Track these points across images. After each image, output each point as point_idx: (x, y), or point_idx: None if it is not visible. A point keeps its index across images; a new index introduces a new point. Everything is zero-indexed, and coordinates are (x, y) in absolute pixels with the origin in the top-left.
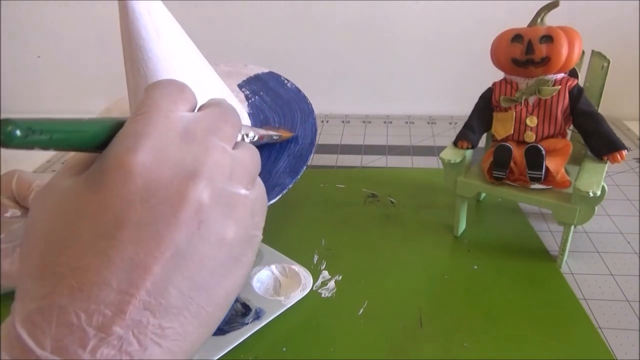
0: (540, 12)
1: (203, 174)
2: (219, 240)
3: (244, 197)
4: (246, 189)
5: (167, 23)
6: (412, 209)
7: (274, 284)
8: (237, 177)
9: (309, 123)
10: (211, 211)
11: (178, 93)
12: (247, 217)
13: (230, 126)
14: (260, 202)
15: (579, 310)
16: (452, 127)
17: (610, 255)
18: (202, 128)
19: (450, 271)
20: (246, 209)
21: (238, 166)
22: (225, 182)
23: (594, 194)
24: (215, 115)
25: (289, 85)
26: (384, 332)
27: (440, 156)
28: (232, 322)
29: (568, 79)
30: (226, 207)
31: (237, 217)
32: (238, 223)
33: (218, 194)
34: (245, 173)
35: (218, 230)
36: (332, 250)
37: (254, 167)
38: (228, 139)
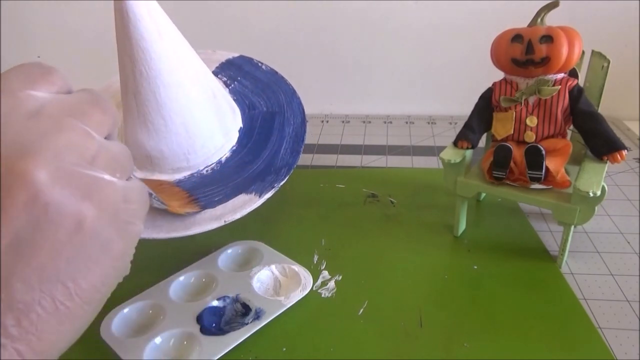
0: (540, 12)
1: (43, 152)
2: (75, 223)
3: (109, 182)
4: (113, 177)
5: (166, 23)
6: (412, 209)
7: (274, 284)
8: (101, 163)
9: (294, 103)
10: (58, 192)
11: (40, 74)
12: (115, 200)
13: (100, 113)
14: (136, 192)
15: (579, 310)
16: (452, 127)
17: (610, 255)
18: (62, 108)
19: (450, 271)
20: (112, 193)
21: (104, 153)
22: (80, 164)
23: (594, 194)
24: (82, 99)
25: (264, 67)
26: (384, 332)
27: (440, 156)
28: (232, 322)
29: (568, 79)
30: (82, 189)
31: (99, 200)
32: (100, 206)
33: (68, 175)
34: (113, 162)
35: (72, 212)
36: (332, 250)
37: (125, 160)
38: (95, 124)
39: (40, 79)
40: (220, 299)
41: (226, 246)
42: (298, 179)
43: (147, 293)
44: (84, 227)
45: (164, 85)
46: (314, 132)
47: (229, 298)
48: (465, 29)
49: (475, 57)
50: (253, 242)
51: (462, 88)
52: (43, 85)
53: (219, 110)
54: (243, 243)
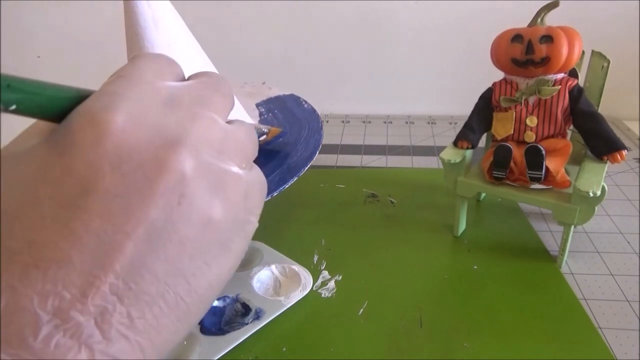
0: (540, 12)
1: (187, 143)
2: (203, 220)
3: (235, 175)
4: (239, 168)
5: (166, 14)
6: (412, 209)
7: (274, 284)
8: (228, 153)
9: (313, 138)
10: (195, 185)
11: (166, 65)
12: (238, 198)
13: (221, 97)
14: (256, 186)
15: (579, 310)
16: (452, 127)
17: (610, 255)
18: (191, 96)
19: (450, 271)
20: (238, 189)
21: (231, 141)
22: (213, 155)
23: (594, 194)
24: (206, 85)
25: (306, 106)
26: (384, 332)
27: (440, 156)
28: (232, 322)
29: (568, 79)
30: (213, 184)
31: (227, 197)
32: (227, 203)
33: (204, 167)
34: (239, 150)
35: (202, 208)
36: (332, 250)
37: (250, 146)
38: (219, 110)
39: (167, 70)
40: (220, 299)
41: None
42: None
43: None
44: (210, 224)
45: None
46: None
47: (229, 298)
48: (465, 29)
49: (475, 57)
50: (253, 242)
51: (462, 88)
52: (170, 76)
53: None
54: None
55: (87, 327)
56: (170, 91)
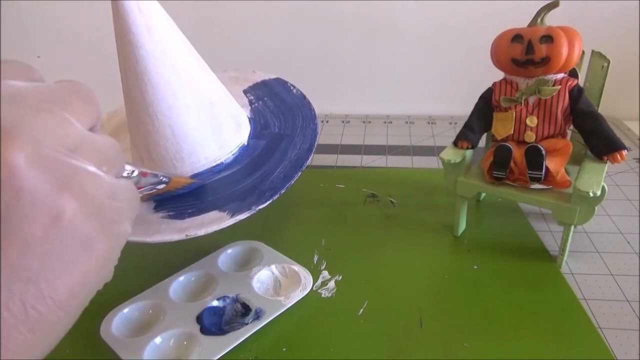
0: (540, 12)
1: (21, 135)
2: (52, 216)
3: (93, 174)
4: (97, 169)
5: (159, 21)
6: (412, 209)
7: (274, 284)
8: (84, 153)
9: (309, 128)
10: (34, 179)
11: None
12: (99, 195)
13: (79, 101)
14: (125, 190)
15: (579, 310)
16: (452, 127)
17: (610, 255)
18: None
19: (450, 271)
20: (96, 186)
21: (87, 143)
22: (60, 151)
23: (594, 194)
24: (62, 87)
25: (295, 91)
26: (384, 332)
27: (440, 156)
28: (232, 322)
29: (568, 79)
30: (62, 178)
31: (81, 192)
32: (82, 199)
33: (46, 161)
34: (98, 154)
35: (49, 203)
36: (332, 250)
37: (112, 155)
38: (76, 113)
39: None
40: (220, 299)
41: (226, 246)
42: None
43: (147, 293)
44: (62, 221)
45: (150, 82)
46: None
47: (229, 298)
48: (465, 29)
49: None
50: (253, 242)
51: (462, 88)
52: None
53: (215, 120)
54: (243, 243)
55: None
56: (16, 89)
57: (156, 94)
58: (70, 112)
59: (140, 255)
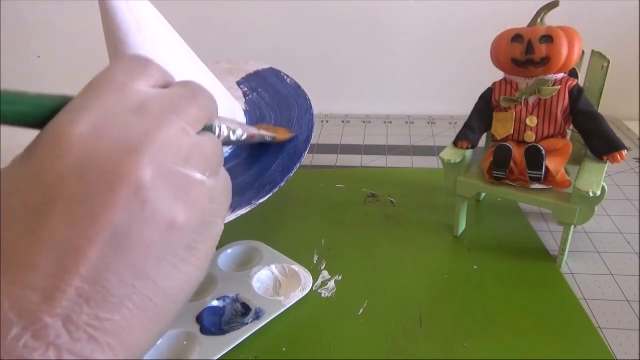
0: (540, 12)
1: (148, 150)
2: (167, 223)
3: (199, 182)
4: (203, 175)
5: (150, 19)
6: (412, 209)
7: (274, 284)
8: (194, 162)
9: (305, 119)
10: (157, 191)
11: (139, 67)
12: (203, 201)
13: (196, 108)
14: (221, 191)
15: (579, 310)
16: (452, 127)
17: (610, 255)
18: (162, 104)
19: (450, 271)
20: (202, 193)
21: (197, 151)
22: (177, 163)
23: (594, 194)
24: (181, 94)
25: (289, 81)
26: (384, 332)
27: (440, 156)
28: (232, 322)
29: (568, 79)
30: (177, 189)
31: (190, 201)
32: (191, 207)
33: (166, 174)
34: (205, 160)
35: (166, 212)
36: (332, 250)
37: (215, 157)
38: (192, 121)
39: (141, 72)
40: (220, 299)
41: (226, 246)
42: (298, 179)
43: None
44: (175, 228)
45: None
46: (314, 132)
47: (229, 298)
48: (465, 29)
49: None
50: (253, 242)
51: (462, 88)
52: (144, 79)
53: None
54: (243, 243)
55: (54, 329)
56: (140, 98)
57: None
58: (186, 120)
59: None
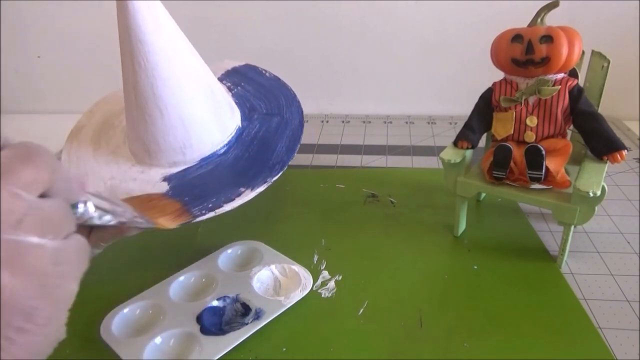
0: (540, 12)
1: None
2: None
3: (35, 245)
4: (41, 238)
5: (166, 18)
6: (412, 209)
7: (274, 284)
8: (29, 226)
9: (294, 106)
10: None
11: None
12: (42, 265)
13: (31, 170)
14: (71, 253)
15: (579, 310)
16: (452, 127)
17: (610, 255)
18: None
19: (450, 271)
20: (40, 258)
21: (33, 214)
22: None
23: (594, 194)
24: (12, 156)
25: (268, 74)
26: (384, 332)
27: (440, 156)
28: (232, 322)
29: (568, 79)
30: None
31: (22, 267)
32: (23, 274)
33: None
34: (44, 221)
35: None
36: (332, 250)
37: (60, 219)
38: (25, 184)
39: None
40: (220, 299)
41: (226, 246)
42: (298, 179)
43: (147, 293)
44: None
45: (161, 77)
46: (314, 132)
47: (229, 298)
48: (465, 29)
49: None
50: (253, 242)
51: (462, 88)
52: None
53: (217, 107)
54: (243, 243)
55: None
56: None
57: (167, 87)
58: (18, 183)
59: (140, 256)
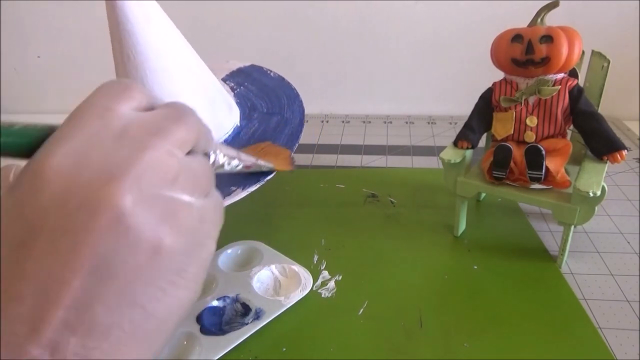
0: (540, 12)
1: (128, 175)
2: (153, 248)
3: (187, 204)
4: (191, 197)
5: (155, 10)
6: (412, 209)
7: (274, 284)
8: (182, 184)
9: (295, 105)
10: (139, 217)
11: (121, 90)
12: (192, 223)
13: (182, 130)
14: (212, 211)
15: (579, 310)
16: (452, 127)
17: (610, 255)
18: (145, 128)
19: (450, 271)
20: (190, 215)
21: (185, 173)
22: (162, 186)
23: (594, 194)
24: (166, 116)
25: (272, 74)
26: (384, 332)
27: (440, 156)
28: (232, 322)
29: (568, 79)
30: (162, 213)
31: (178, 223)
32: (179, 229)
33: (150, 198)
34: (193, 181)
35: (151, 237)
36: (332, 250)
37: (205, 178)
38: (179, 143)
39: (123, 96)
40: (220, 299)
41: (226, 246)
42: (298, 179)
43: None
44: (162, 252)
45: (150, 70)
46: (314, 132)
47: (229, 298)
48: (465, 29)
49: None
50: (253, 242)
51: (462, 88)
52: (126, 102)
53: (211, 103)
54: (243, 243)
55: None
56: (123, 122)
57: (157, 80)
58: (172, 142)
59: None
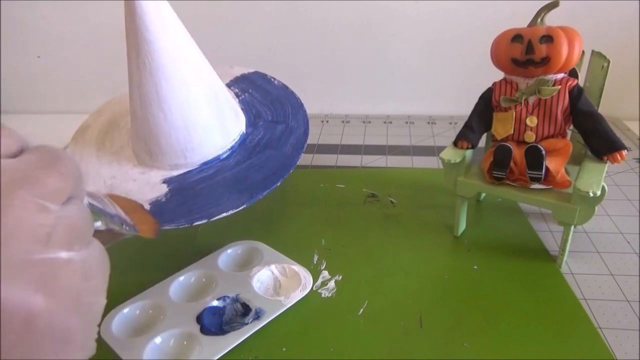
0: (540, 12)
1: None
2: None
3: (65, 262)
4: (69, 251)
5: (172, 20)
6: (412, 209)
7: (274, 284)
8: (58, 240)
9: (300, 114)
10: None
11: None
12: (74, 283)
13: (56, 177)
14: (96, 261)
15: (579, 310)
16: (452, 127)
17: (610, 255)
18: (10, 178)
19: (450, 271)
20: (72, 273)
21: (61, 225)
22: (32, 251)
23: (594, 194)
24: (35, 163)
25: (276, 82)
26: (384, 332)
27: (440, 156)
28: (232, 322)
29: (568, 79)
30: (37, 279)
31: (56, 287)
32: (57, 295)
33: (19, 267)
34: (72, 233)
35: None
36: (332, 250)
37: (84, 226)
38: (50, 193)
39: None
40: (220, 299)
41: (226, 246)
42: (298, 179)
43: (147, 293)
44: (36, 324)
45: (165, 78)
46: (314, 132)
47: (229, 298)
48: (465, 29)
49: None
50: (253, 242)
51: (462, 88)
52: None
53: (220, 111)
54: (243, 243)
55: None
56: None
57: (170, 88)
58: (44, 194)
59: (140, 255)
